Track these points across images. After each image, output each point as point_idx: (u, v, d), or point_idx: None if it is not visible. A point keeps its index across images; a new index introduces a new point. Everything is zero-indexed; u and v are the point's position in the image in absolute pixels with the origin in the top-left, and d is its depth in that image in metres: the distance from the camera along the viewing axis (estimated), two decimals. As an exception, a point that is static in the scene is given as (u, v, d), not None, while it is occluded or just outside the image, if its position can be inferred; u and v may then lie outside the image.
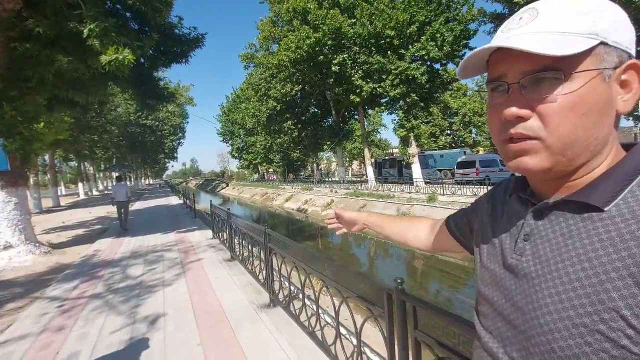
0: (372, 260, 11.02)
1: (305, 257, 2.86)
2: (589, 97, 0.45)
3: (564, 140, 0.47)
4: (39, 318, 3.66)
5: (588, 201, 0.46)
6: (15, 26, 5.66)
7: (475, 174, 16.94)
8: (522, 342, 0.49)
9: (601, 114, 0.46)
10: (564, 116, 0.46)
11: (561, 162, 0.48)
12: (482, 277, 0.61)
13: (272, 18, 21.00)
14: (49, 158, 22.31)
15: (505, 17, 13.62)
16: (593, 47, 0.45)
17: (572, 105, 0.45)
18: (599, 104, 0.45)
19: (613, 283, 0.40)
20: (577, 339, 0.42)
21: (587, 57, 0.45)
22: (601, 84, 0.45)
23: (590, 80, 0.45)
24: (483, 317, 0.60)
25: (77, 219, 13.34)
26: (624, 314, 0.39)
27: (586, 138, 0.46)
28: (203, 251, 6.43)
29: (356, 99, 16.87)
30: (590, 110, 0.45)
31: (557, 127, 0.46)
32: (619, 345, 0.39)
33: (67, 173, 49.56)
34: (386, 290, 1.71)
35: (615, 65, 0.45)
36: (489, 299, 0.58)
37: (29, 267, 6.11)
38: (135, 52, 5.45)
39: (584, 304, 0.42)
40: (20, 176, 7.01)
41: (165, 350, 2.79)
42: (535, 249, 0.51)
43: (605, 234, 0.43)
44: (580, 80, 0.45)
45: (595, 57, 0.45)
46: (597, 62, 0.45)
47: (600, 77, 0.45)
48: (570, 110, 0.45)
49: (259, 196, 30.38)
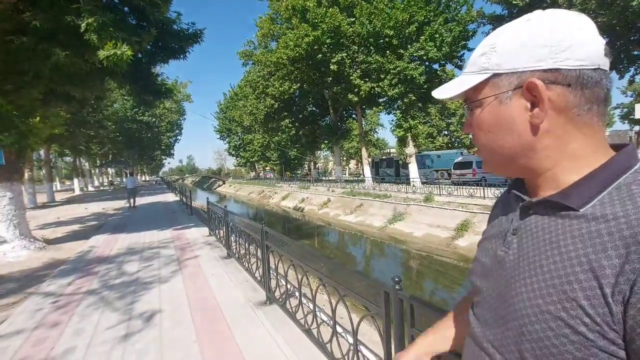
0: (369, 259, 11.05)
1: (302, 255, 2.87)
2: (489, 118, 0.56)
3: (484, 150, 0.60)
4: (34, 313, 3.64)
5: (565, 202, 0.51)
6: (12, 19, 5.59)
7: (472, 174, 17.01)
8: (500, 327, 0.55)
9: (506, 129, 0.54)
10: (478, 133, 0.59)
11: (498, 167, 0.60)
12: (474, 269, 0.67)
13: (271, 15, 20.93)
14: (44, 153, 22.14)
15: (504, 19, 13.69)
16: (488, 79, 0.55)
17: (479, 125, 0.58)
18: (500, 121, 0.55)
19: (576, 276, 0.45)
20: (543, 324, 0.47)
21: (485, 87, 0.56)
22: (498, 106, 0.54)
23: (488, 105, 0.56)
24: (475, 307, 0.65)
25: (73, 215, 13.24)
26: (582, 304, 0.44)
27: (499, 148, 0.56)
28: (199, 248, 6.42)
29: (354, 98, 16.87)
30: (493, 128, 0.56)
31: (478, 142, 0.60)
32: (577, 331, 0.44)
33: (62, 168, 49.19)
34: (384, 289, 1.72)
35: (516, 86, 0.52)
36: (478, 289, 0.64)
37: (24, 262, 6.06)
38: (133, 47, 5.41)
39: (550, 293, 0.47)
40: (15, 171, 6.94)
41: (162, 347, 2.79)
42: (520, 243, 0.56)
43: (577, 231, 0.48)
44: (483, 105, 0.56)
45: (491, 86, 0.55)
46: (493, 90, 0.55)
47: (497, 101, 0.54)
48: (479, 128, 0.58)
49: (256, 194, 30.35)
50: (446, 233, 10.37)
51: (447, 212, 11.09)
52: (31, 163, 18.45)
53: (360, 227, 13.95)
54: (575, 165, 0.52)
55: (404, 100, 15.51)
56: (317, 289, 2.60)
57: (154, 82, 9.31)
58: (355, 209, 15.37)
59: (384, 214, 13.43)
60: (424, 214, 11.88)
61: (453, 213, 10.84)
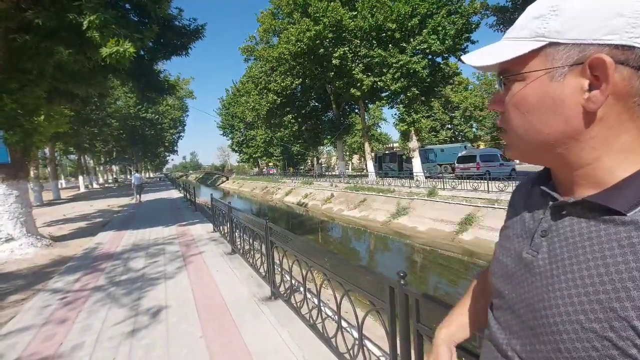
0: (373, 254, 11.06)
1: (307, 251, 2.87)
2: (532, 96, 0.47)
3: (515, 135, 0.52)
4: (42, 310, 3.68)
5: (609, 204, 0.44)
6: (15, 17, 5.60)
7: (475, 168, 16.92)
8: (529, 337, 0.50)
9: (551, 111, 0.46)
10: (513, 113, 0.50)
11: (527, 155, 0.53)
12: (495, 269, 0.61)
13: (273, 10, 20.81)
14: (49, 151, 22.29)
15: (508, 10, 13.50)
16: (541, 48, 0.46)
17: (517, 103, 0.49)
18: (545, 102, 0.46)
19: (628, 292, 0.39)
20: (585, 343, 0.41)
21: (534, 58, 0.47)
22: (548, 83, 0.46)
23: (534, 80, 0.47)
24: (495, 309, 0.60)
25: (79, 212, 13.36)
26: (634, 325, 0.38)
27: (536, 133, 0.48)
28: (204, 244, 6.46)
29: (357, 92, 16.79)
30: (535, 108, 0.47)
31: (509, 124, 0.52)
32: (627, 354, 0.39)
33: (67, 166, 49.56)
34: (389, 284, 1.72)
35: (575, 62, 0.44)
36: (500, 292, 0.58)
37: (31, 259, 6.14)
38: (135, 44, 5.41)
39: (595, 310, 0.41)
40: (21, 169, 7.00)
41: (168, 342, 2.82)
42: (552, 247, 0.50)
43: (627, 240, 0.41)
44: (527, 80, 0.48)
45: (543, 57, 0.46)
46: (544, 62, 0.46)
47: (547, 77, 0.46)
48: (516, 107, 0.50)
49: (259, 190, 30.42)
50: (450, 227, 10.35)
51: (451, 206, 11.06)
52: (36, 161, 18.62)
53: (364, 222, 13.95)
54: (624, 161, 0.45)
55: (406, 94, 15.42)
56: (321, 284, 2.62)
57: (156, 79, 9.34)
58: (359, 204, 15.37)
59: (388, 208, 13.42)
60: (428, 208, 11.86)
61: (457, 207, 10.81)
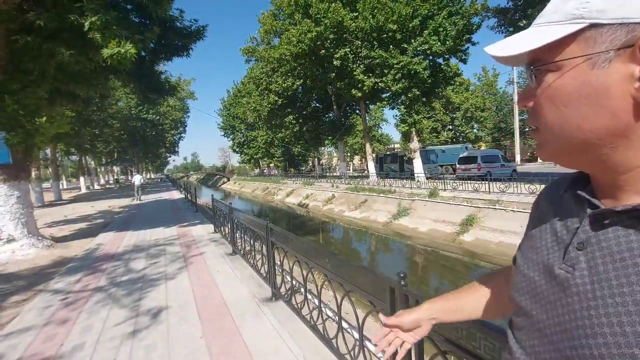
0: (373, 255, 11.05)
1: (307, 252, 2.87)
2: (570, 87, 0.41)
3: (550, 132, 0.45)
4: (43, 310, 3.69)
5: None
6: (16, 19, 5.63)
7: (477, 169, 16.90)
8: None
9: (593, 103, 0.40)
10: (547, 108, 0.44)
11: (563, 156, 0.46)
12: (517, 284, 0.54)
13: (274, 11, 20.82)
14: (50, 152, 22.35)
15: (509, 11, 13.49)
16: (579, 31, 0.40)
17: (552, 96, 0.43)
18: (586, 93, 0.40)
19: None
20: None
21: (571, 44, 0.41)
22: (589, 72, 0.40)
23: (572, 69, 0.41)
24: (517, 330, 0.53)
25: (80, 213, 13.39)
26: None
27: (576, 130, 0.42)
28: (205, 245, 6.46)
29: (358, 93, 16.79)
30: (573, 101, 0.41)
31: (543, 120, 0.45)
32: None
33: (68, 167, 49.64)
34: (389, 285, 1.72)
35: (622, 45, 0.37)
36: (525, 311, 0.51)
37: (32, 260, 6.15)
38: (136, 45, 5.43)
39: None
40: (22, 169, 7.01)
41: (169, 343, 2.82)
42: (592, 263, 0.42)
43: None
44: (563, 70, 0.42)
45: (583, 42, 0.40)
46: (585, 48, 0.40)
47: (587, 64, 0.40)
48: (551, 101, 0.43)
49: (260, 191, 30.43)
50: (451, 228, 10.33)
51: (452, 207, 11.04)
52: (38, 162, 18.67)
53: (365, 222, 13.94)
54: None
55: (407, 95, 15.40)
56: (322, 285, 2.61)
57: (157, 80, 9.36)
58: (360, 204, 15.35)
59: (389, 209, 13.40)
60: (429, 209, 11.84)
61: (458, 208, 10.79)
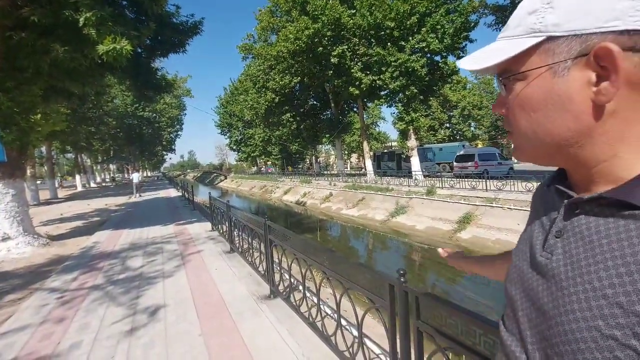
0: (371, 252, 11.07)
1: (306, 249, 2.87)
2: (536, 95, 0.45)
3: (524, 136, 0.49)
4: (40, 309, 3.66)
5: (628, 199, 0.40)
6: (11, 15, 5.54)
7: (474, 167, 16.97)
8: (545, 349, 0.45)
9: (558, 109, 0.44)
10: (518, 114, 0.48)
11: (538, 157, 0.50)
12: (509, 275, 0.57)
13: (271, 8, 20.75)
14: (45, 150, 22.17)
15: (507, 9, 13.50)
16: (539, 44, 0.44)
17: (521, 103, 0.47)
18: (551, 99, 0.44)
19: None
20: (606, 352, 0.37)
21: (533, 55, 0.45)
22: (551, 80, 0.44)
23: (536, 78, 0.45)
24: (507, 319, 0.56)
25: (76, 211, 13.30)
26: None
27: (545, 134, 0.46)
28: (202, 243, 6.44)
29: (355, 91, 16.76)
30: (540, 107, 0.45)
31: (516, 125, 0.49)
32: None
33: (64, 165, 49.31)
34: (388, 282, 1.72)
35: (578, 54, 0.41)
36: (513, 299, 0.54)
37: (28, 258, 6.11)
38: (132, 41, 5.38)
39: (615, 314, 0.37)
40: (18, 167, 6.96)
41: (167, 341, 2.81)
42: (567, 248, 0.46)
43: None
44: (529, 79, 0.46)
45: (543, 53, 0.44)
46: (545, 58, 0.44)
47: (549, 73, 0.44)
48: (521, 108, 0.48)
49: (258, 189, 30.39)
50: (449, 226, 10.37)
51: (449, 205, 11.08)
52: (33, 160, 18.53)
53: (363, 220, 13.96)
54: None
55: (405, 93, 15.41)
56: (320, 283, 2.61)
57: (153, 77, 9.29)
58: (357, 202, 15.37)
59: (386, 207, 13.43)
60: (426, 207, 11.87)
61: (455, 206, 10.82)
